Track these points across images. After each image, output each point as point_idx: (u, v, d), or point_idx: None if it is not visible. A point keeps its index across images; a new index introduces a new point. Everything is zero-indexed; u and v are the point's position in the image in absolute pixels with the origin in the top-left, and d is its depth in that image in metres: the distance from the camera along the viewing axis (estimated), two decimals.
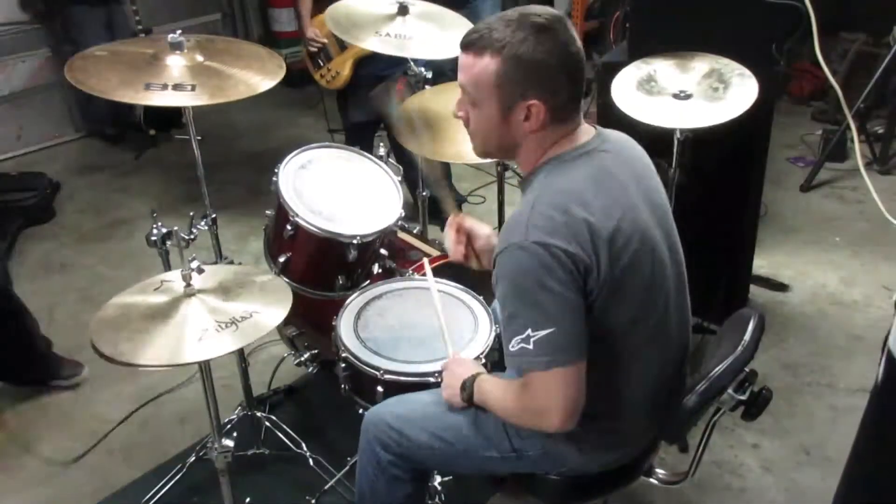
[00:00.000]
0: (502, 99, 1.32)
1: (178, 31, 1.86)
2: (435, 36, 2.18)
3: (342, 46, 3.12)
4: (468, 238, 1.69)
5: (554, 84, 1.30)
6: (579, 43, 1.32)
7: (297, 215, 1.92)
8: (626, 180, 1.36)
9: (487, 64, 1.30)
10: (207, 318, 1.46)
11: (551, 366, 1.26)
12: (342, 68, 3.15)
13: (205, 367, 1.61)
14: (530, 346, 1.26)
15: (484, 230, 1.68)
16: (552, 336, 1.24)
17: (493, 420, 1.53)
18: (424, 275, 2.12)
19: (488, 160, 1.57)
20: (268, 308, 1.50)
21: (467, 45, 1.33)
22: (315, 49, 3.22)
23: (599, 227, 1.27)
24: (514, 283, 1.28)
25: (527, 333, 1.25)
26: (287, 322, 2.20)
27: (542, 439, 1.49)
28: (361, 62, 3.13)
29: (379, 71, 3.11)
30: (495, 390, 1.45)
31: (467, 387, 1.49)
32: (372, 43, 2.12)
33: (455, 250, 1.69)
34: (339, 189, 2.08)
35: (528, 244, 1.25)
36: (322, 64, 3.22)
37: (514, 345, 1.29)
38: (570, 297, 1.25)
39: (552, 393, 1.28)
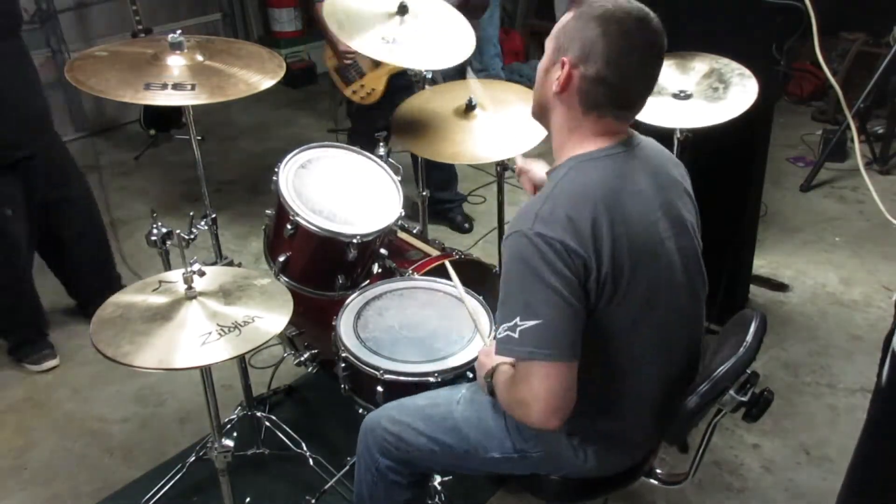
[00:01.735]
0: (554, 49, 1.33)
1: (178, 31, 1.86)
2: (433, 42, 2.13)
3: (377, 63, 3.10)
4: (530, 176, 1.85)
5: (596, 63, 1.27)
6: (650, 60, 1.29)
7: (297, 215, 1.92)
8: (645, 189, 1.35)
9: (565, 17, 1.33)
10: (209, 323, 1.46)
11: (534, 357, 1.24)
12: (377, 84, 3.12)
13: (205, 368, 1.61)
14: (516, 335, 1.25)
15: (539, 170, 1.81)
16: (538, 328, 1.23)
17: (495, 420, 1.53)
18: (424, 274, 2.13)
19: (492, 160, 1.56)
20: (269, 313, 1.50)
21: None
22: (350, 61, 3.16)
23: (605, 230, 1.26)
24: (511, 268, 1.28)
25: (514, 321, 1.25)
26: (287, 322, 2.20)
27: (544, 441, 1.48)
28: (396, 75, 3.10)
29: (407, 80, 3.09)
30: (501, 379, 1.43)
31: (490, 378, 1.48)
32: (374, 50, 2.05)
33: (526, 187, 1.86)
34: (338, 188, 2.08)
35: (532, 234, 1.25)
36: (354, 79, 3.18)
37: (501, 331, 1.28)
38: (564, 294, 1.24)
39: (533, 385, 1.26)
